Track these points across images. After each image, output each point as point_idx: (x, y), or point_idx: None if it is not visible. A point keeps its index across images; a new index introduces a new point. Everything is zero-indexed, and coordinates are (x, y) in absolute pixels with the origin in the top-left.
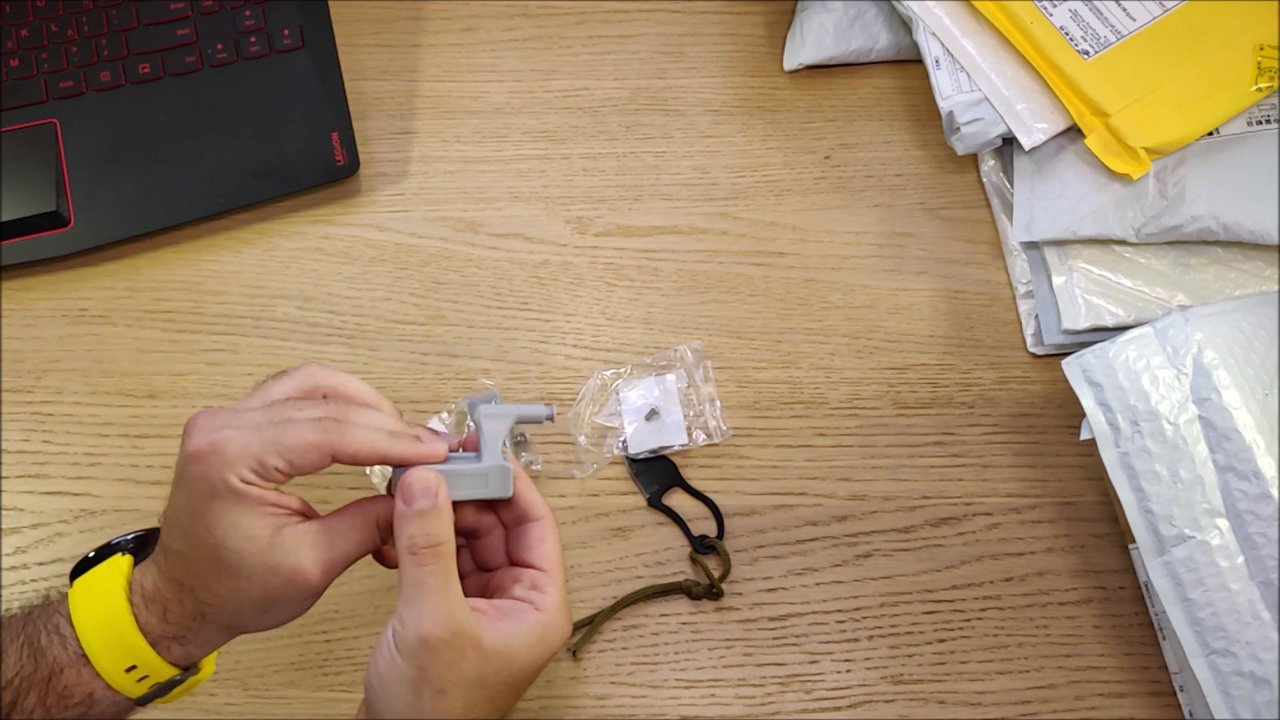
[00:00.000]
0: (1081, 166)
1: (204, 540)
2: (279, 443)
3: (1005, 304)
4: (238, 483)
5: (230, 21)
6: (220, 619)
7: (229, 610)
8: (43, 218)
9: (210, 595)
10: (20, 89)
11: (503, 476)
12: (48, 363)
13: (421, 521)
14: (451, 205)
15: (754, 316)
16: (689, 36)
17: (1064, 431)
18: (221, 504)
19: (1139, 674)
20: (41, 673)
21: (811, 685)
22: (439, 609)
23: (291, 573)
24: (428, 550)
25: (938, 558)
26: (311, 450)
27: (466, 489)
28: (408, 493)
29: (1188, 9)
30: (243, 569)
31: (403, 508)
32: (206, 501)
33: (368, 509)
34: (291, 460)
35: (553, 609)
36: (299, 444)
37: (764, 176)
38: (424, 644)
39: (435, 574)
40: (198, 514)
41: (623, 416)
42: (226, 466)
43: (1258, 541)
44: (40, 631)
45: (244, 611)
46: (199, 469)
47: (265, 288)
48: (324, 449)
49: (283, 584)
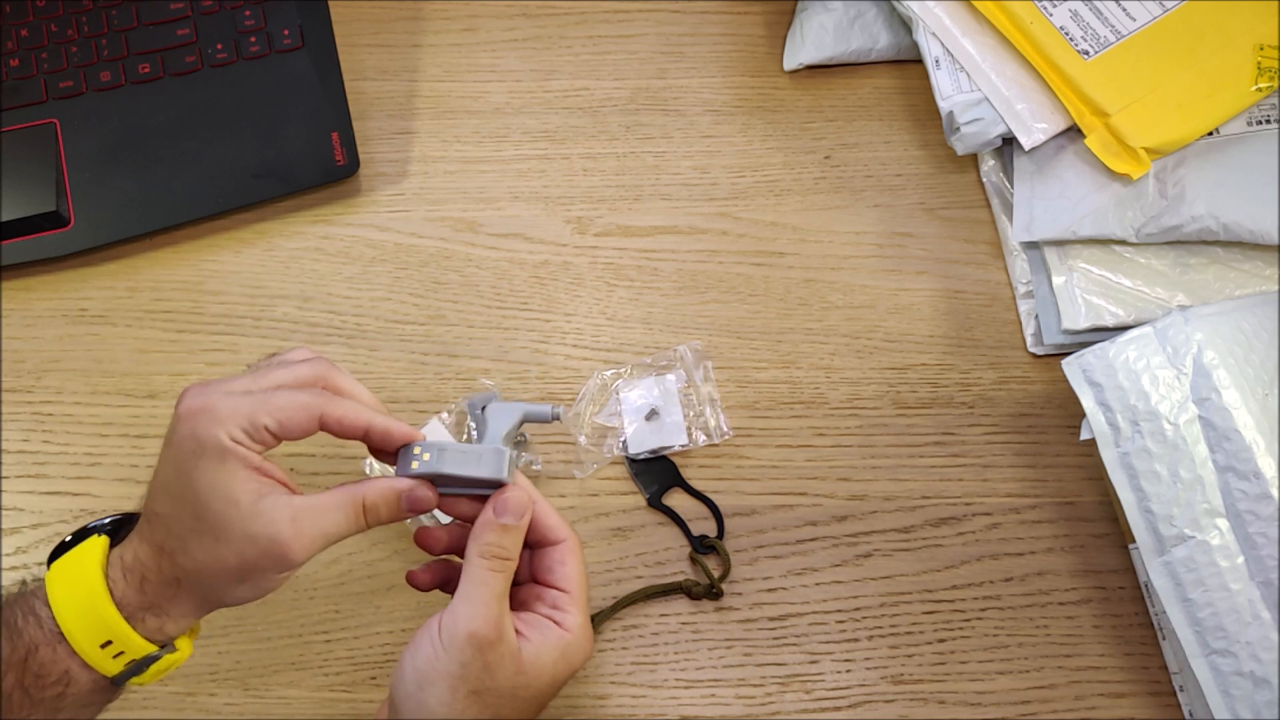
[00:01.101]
0: (1081, 166)
1: (187, 500)
2: (270, 402)
3: (1005, 304)
4: (226, 440)
5: (230, 21)
6: (196, 587)
7: (205, 578)
8: (43, 218)
9: (188, 559)
10: (20, 89)
11: (497, 457)
12: (48, 363)
13: (505, 535)
14: (451, 205)
15: (754, 316)
16: (689, 36)
17: (1064, 431)
18: (208, 462)
19: (1139, 674)
20: (18, 654)
21: (811, 685)
22: (493, 610)
23: (269, 542)
24: (502, 560)
25: (938, 558)
26: (301, 410)
27: (460, 465)
28: (502, 506)
29: (1188, 9)
30: (222, 533)
31: (491, 517)
32: (194, 459)
33: (353, 490)
34: (281, 420)
35: (576, 628)
36: (289, 404)
37: (764, 176)
38: (471, 640)
39: (500, 582)
40: (184, 472)
41: (623, 416)
42: (217, 423)
43: (1258, 541)
44: (17, 614)
45: (219, 580)
46: (189, 426)
47: (265, 288)
48: (313, 409)
49: (259, 553)
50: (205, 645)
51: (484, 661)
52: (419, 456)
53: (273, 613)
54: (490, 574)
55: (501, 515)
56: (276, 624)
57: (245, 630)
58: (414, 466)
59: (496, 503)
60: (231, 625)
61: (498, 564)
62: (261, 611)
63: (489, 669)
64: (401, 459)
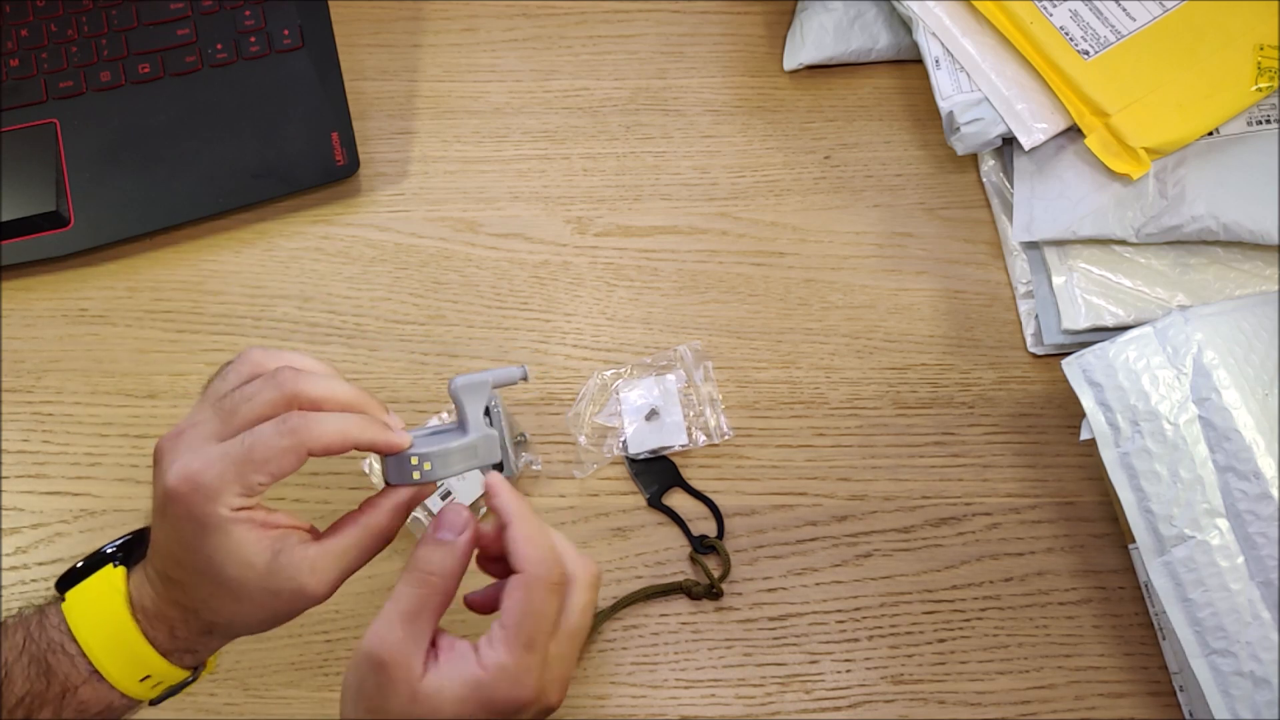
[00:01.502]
0: (1081, 166)
1: (202, 571)
2: (252, 459)
3: (1005, 304)
4: (227, 512)
5: (230, 21)
6: (227, 632)
7: (236, 626)
8: (43, 218)
9: (216, 615)
10: (20, 89)
11: (490, 444)
12: (48, 363)
13: (435, 550)
14: (451, 205)
15: (754, 316)
16: (689, 36)
17: (1064, 431)
18: (214, 537)
19: (1139, 674)
20: (54, 690)
21: (811, 685)
22: (395, 631)
23: (294, 595)
24: (425, 576)
25: (938, 558)
26: (286, 455)
27: (458, 463)
28: (439, 521)
29: (1188, 9)
30: (244, 594)
31: (430, 532)
32: (198, 537)
33: (365, 523)
34: (270, 471)
35: (493, 668)
36: (271, 453)
37: (764, 176)
38: (368, 658)
39: (417, 600)
40: (191, 549)
41: (623, 416)
42: (210, 500)
43: (1258, 541)
44: (45, 650)
45: (251, 625)
46: (183, 508)
47: (265, 288)
48: (297, 451)
49: (285, 603)
50: None
51: (377, 682)
52: (418, 467)
53: None
54: (407, 590)
55: (436, 529)
56: None
57: None
58: (414, 478)
59: (438, 517)
60: None
61: (418, 578)
62: None
63: (383, 691)
64: (395, 467)
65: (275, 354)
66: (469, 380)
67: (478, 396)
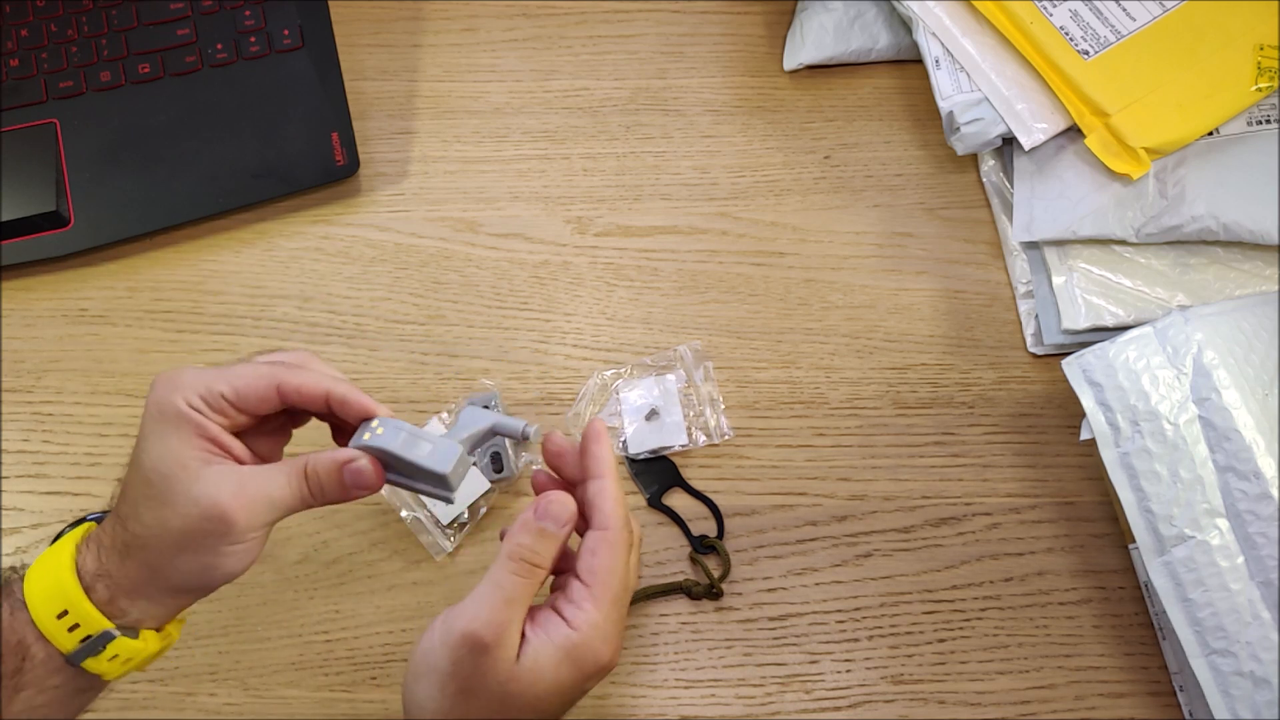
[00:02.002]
0: (1081, 166)
1: (141, 463)
2: (226, 373)
3: (1005, 304)
4: (183, 405)
5: (230, 21)
6: (142, 554)
7: (150, 543)
8: (43, 218)
9: (137, 524)
10: (20, 89)
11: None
12: (48, 363)
13: (540, 539)
14: (451, 205)
15: (754, 316)
16: (689, 36)
17: (1064, 431)
18: (164, 427)
19: (1139, 674)
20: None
21: (811, 685)
22: (499, 615)
23: (211, 505)
24: (529, 565)
25: (938, 558)
26: (259, 379)
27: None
28: (543, 509)
29: (1188, 9)
30: (168, 496)
31: (530, 518)
32: (152, 423)
33: (297, 459)
34: (237, 387)
35: (586, 627)
36: (245, 373)
37: (764, 176)
38: (466, 640)
39: (520, 587)
40: (142, 436)
41: (623, 417)
42: (176, 390)
43: (1258, 541)
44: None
45: (163, 547)
46: (153, 395)
47: (265, 288)
48: (270, 377)
49: (201, 516)
50: (205, 645)
51: (475, 663)
52: (373, 429)
53: (273, 613)
54: (510, 576)
55: (542, 518)
56: (276, 624)
57: (245, 630)
58: (365, 438)
59: (539, 504)
60: (231, 625)
61: (523, 568)
62: (261, 611)
63: (480, 671)
64: (356, 434)
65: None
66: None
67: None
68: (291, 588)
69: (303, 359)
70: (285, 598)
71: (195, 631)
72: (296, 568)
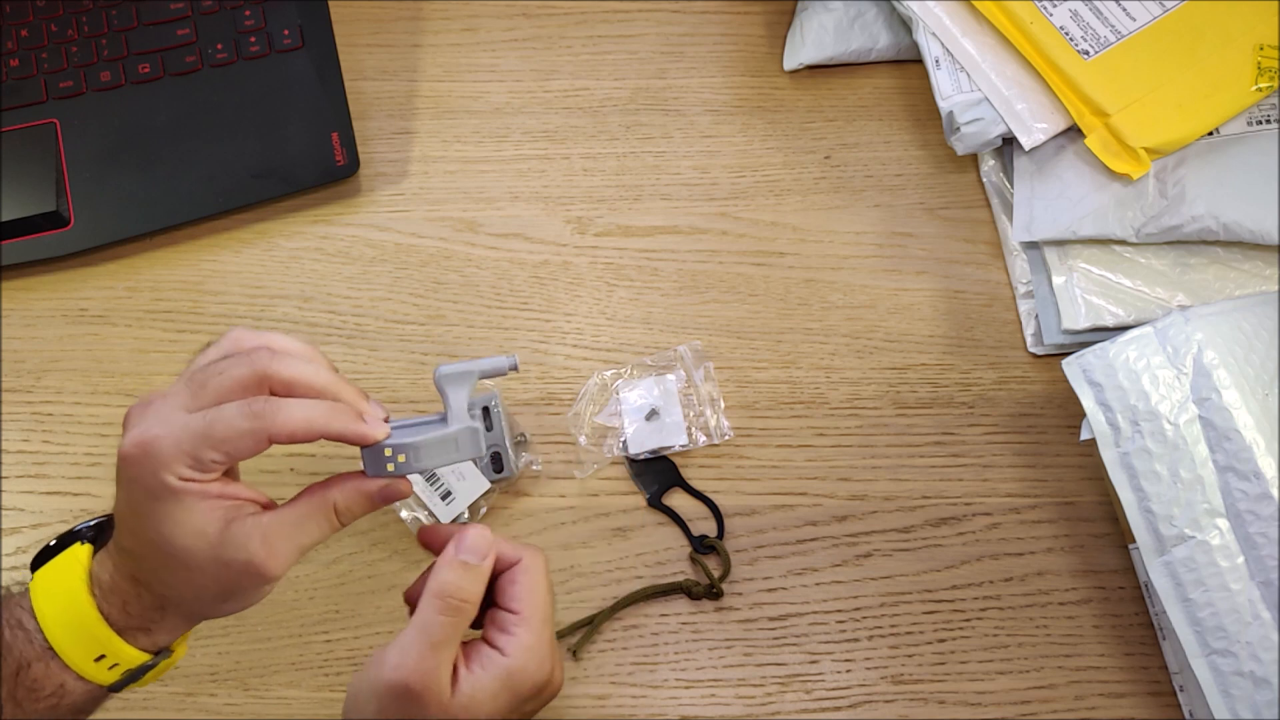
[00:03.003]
0: (1081, 166)
1: (152, 539)
2: (210, 435)
3: (1005, 304)
4: (176, 481)
5: (230, 21)
6: (180, 609)
7: (187, 601)
8: (43, 218)
9: (167, 589)
10: (20, 89)
11: (473, 437)
12: (48, 363)
13: (464, 574)
14: (451, 205)
15: (754, 316)
16: (689, 36)
17: (1064, 431)
18: (163, 505)
19: (1139, 674)
20: (9, 668)
21: (811, 685)
22: (426, 661)
23: (244, 566)
24: (455, 603)
25: (938, 558)
26: (245, 438)
27: (437, 457)
28: (463, 543)
29: (1188, 9)
30: (194, 564)
31: (451, 553)
32: (148, 503)
33: (321, 495)
34: (225, 451)
35: (519, 652)
36: (231, 433)
37: (764, 176)
38: (392, 690)
39: (446, 627)
40: (141, 515)
41: (623, 417)
42: (161, 467)
43: (1258, 541)
44: (3, 627)
45: (203, 601)
46: (135, 472)
47: (265, 288)
48: (257, 435)
49: (236, 576)
50: (205, 645)
51: (405, 711)
52: (392, 459)
53: (273, 613)
54: (436, 618)
55: (461, 551)
56: (276, 624)
57: (245, 630)
58: (388, 469)
59: (458, 538)
60: (231, 625)
61: (448, 606)
62: (261, 611)
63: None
64: (370, 458)
65: (258, 334)
66: (454, 369)
67: (463, 386)
68: (291, 588)
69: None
70: (285, 598)
71: (195, 632)
72: (296, 568)
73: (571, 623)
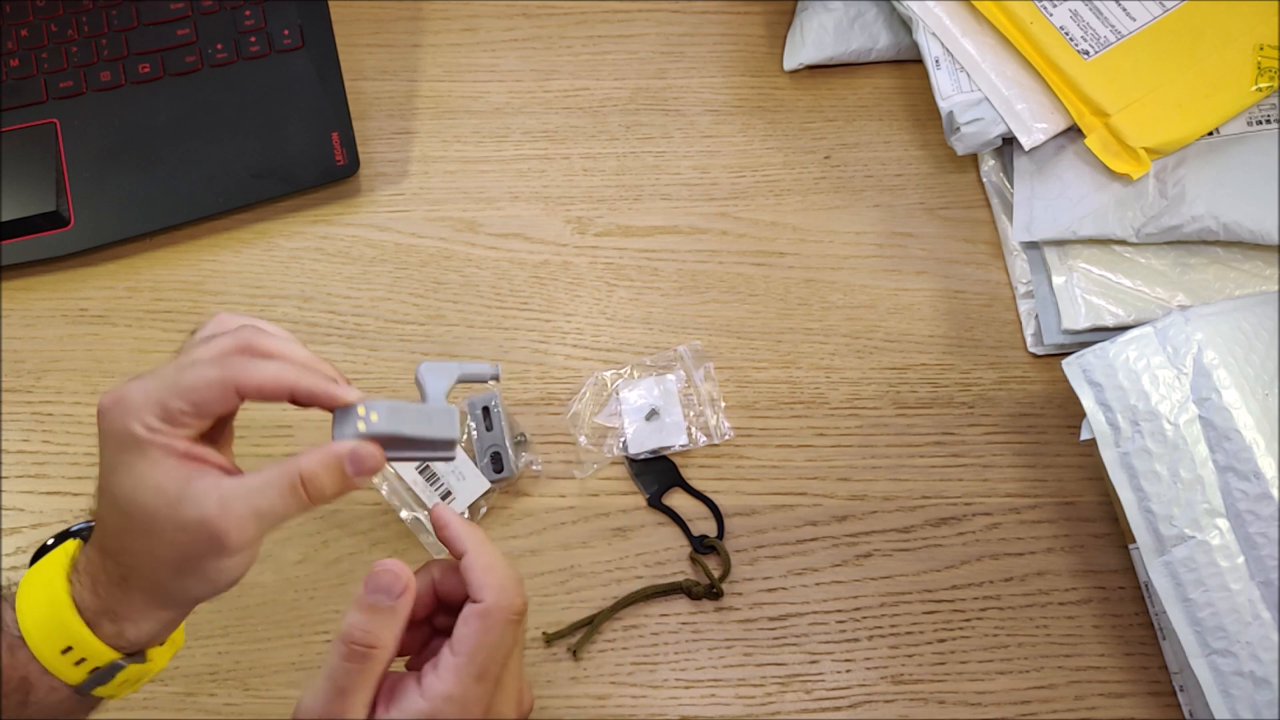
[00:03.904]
0: (1081, 166)
1: (116, 496)
2: (179, 384)
3: (1005, 304)
4: (142, 430)
5: (230, 21)
6: (141, 583)
7: (147, 572)
8: (43, 218)
9: (128, 556)
10: (20, 89)
11: (448, 416)
12: (48, 363)
13: (372, 617)
14: (451, 205)
15: (754, 316)
16: (689, 36)
17: (1064, 431)
18: (129, 456)
19: (1139, 674)
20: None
21: (811, 685)
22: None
23: (199, 527)
24: (360, 649)
25: (938, 558)
26: (213, 387)
27: (411, 424)
28: (372, 580)
29: (1188, 9)
30: (153, 525)
31: (360, 593)
32: (116, 455)
33: (287, 463)
34: (193, 400)
35: (438, 699)
36: (199, 382)
37: (764, 176)
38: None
39: (353, 674)
40: (109, 469)
41: (623, 417)
42: (130, 415)
43: (1258, 541)
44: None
45: (160, 573)
46: (106, 423)
47: (265, 288)
48: (225, 383)
49: (191, 540)
50: (205, 645)
51: None
52: (364, 417)
53: (273, 613)
54: (341, 664)
55: (371, 592)
56: (276, 624)
57: (245, 630)
58: (360, 428)
59: (368, 576)
60: (231, 625)
61: (354, 652)
62: (261, 611)
63: None
64: (341, 420)
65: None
66: (436, 364)
67: (442, 379)
68: (291, 588)
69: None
70: (285, 598)
71: (196, 632)
72: (296, 568)
73: (571, 623)
